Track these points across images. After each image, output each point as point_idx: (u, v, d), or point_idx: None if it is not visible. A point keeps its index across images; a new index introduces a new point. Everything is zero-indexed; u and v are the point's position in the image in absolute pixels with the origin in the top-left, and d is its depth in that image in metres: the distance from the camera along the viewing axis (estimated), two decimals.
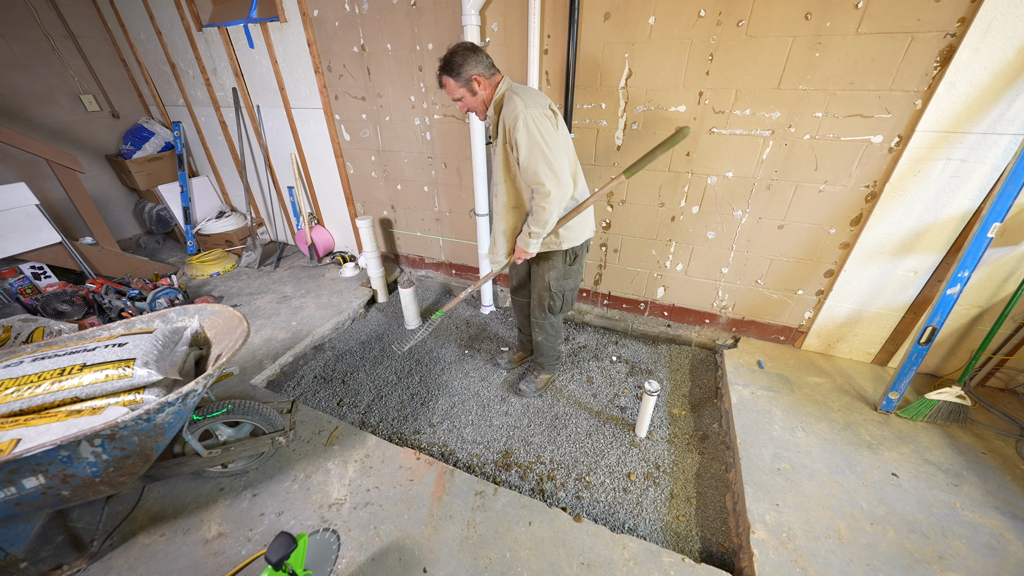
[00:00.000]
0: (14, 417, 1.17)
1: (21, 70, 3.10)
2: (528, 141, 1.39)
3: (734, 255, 2.13)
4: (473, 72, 1.42)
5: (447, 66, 1.42)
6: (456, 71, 1.42)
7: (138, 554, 1.38)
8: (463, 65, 1.41)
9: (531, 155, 1.40)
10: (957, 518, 1.40)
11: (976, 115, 1.48)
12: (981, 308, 1.80)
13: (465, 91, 1.46)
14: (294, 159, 3.13)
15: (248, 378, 2.15)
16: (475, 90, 1.46)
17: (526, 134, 1.38)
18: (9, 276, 2.67)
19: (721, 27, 1.65)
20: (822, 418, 1.79)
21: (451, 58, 1.41)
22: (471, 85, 1.44)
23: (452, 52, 1.42)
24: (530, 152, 1.40)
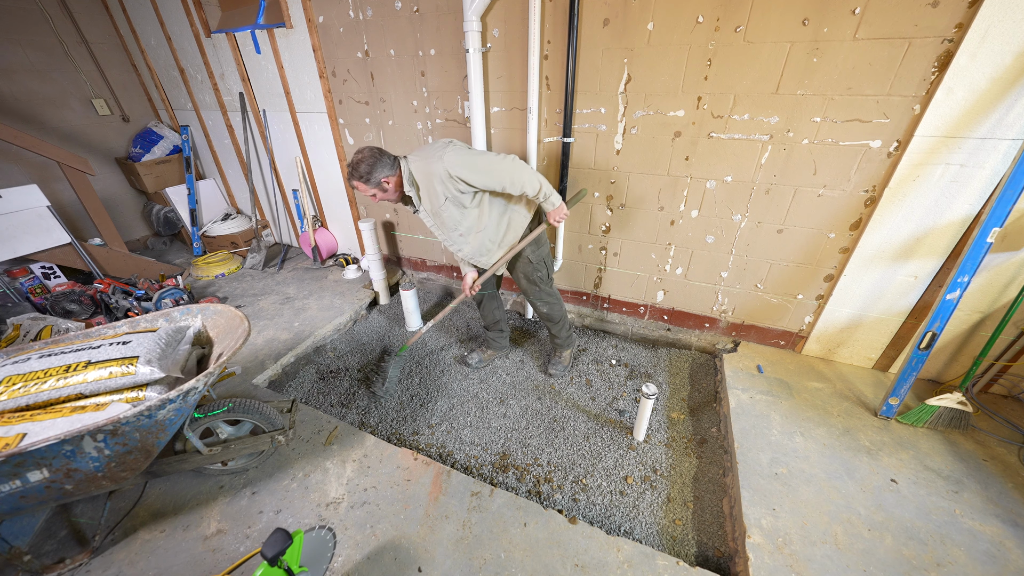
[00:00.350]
0: (21, 412, 1.20)
1: (36, 75, 3.18)
2: (467, 164, 1.58)
3: (733, 259, 2.13)
4: (382, 176, 1.60)
5: (360, 176, 1.58)
6: (368, 178, 1.59)
7: (139, 549, 1.41)
8: (372, 172, 1.58)
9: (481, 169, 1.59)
10: (957, 525, 1.39)
11: (975, 120, 1.48)
12: (982, 314, 1.79)
13: (376, 190, 1.63)
14: (299, 162, 3.17)
15: (250, 378, 2.18)
16: (385, 187, 1.63)
17: (461, 164, 1.57)
18: (20, 275, 2.73)
19: (719, 33, 1.67)
20: (821, 423, 1.78)
21: (361, 167, 1.57)
22: (381, 185, 1.62)
23: (360, 160, 1.58)
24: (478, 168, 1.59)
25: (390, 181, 1.62)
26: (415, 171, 1.64)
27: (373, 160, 1.58)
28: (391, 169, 1.61)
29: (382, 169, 1.59)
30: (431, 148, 1.64)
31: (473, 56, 2.04)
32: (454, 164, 1.56)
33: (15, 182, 2.98)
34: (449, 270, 3.11)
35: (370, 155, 1.58)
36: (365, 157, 1.58)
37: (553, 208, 1.73)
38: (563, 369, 2.25)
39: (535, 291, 2.02)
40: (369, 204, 3.12)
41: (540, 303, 2.07)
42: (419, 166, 1.63)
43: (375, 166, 1.58)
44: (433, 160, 1.59)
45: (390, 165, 1.61)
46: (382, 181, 1.60)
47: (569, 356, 2.29)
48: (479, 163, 1.60)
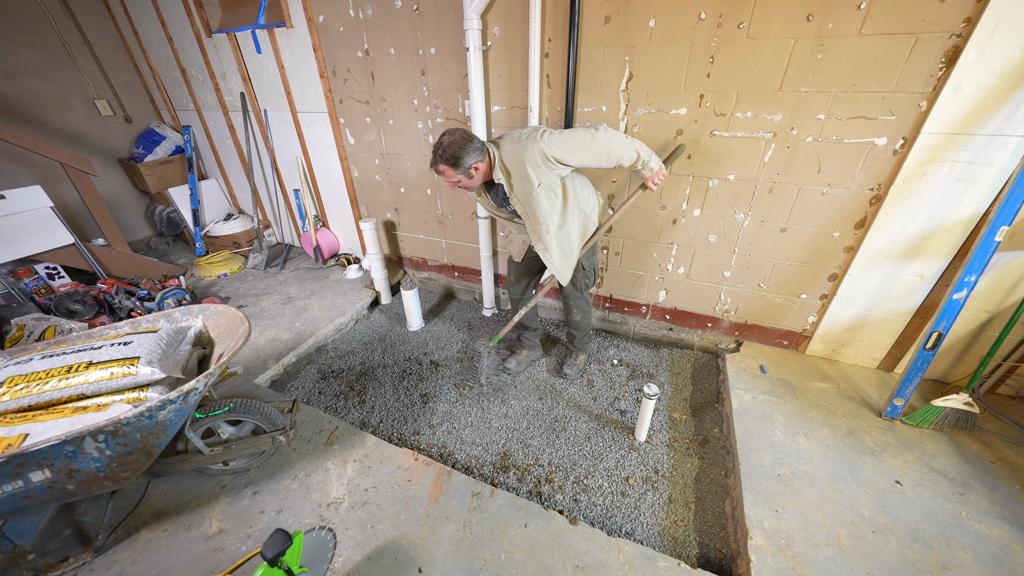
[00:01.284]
0: (23, 412, 1.20)
1: (39, 77, 3.20)
2: (563, 144, 1.51)
3: (736, 258, 2.11)
4: (472, 161, 1.51)
5: (450, 160, 1.49)
6: (457, 163, 1.49)
7: (141, 548, 1.41)
8: (462, 156, 1.48)
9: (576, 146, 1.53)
10: (963, 528, 1.37)
11: (983, 117, 1.46)
12: (990, 313, 1.76)
13: (463, 176, 1.54)
14: (300, 162, 3.17)
15: (252, 378, 2.18)
16: (472, 175, 1.55)
17: (557, 144, 1.50)
18: (25, 276, 2.75)
19: (722, 29, 1.65)
20: (825, 424, 1.77)
21: (451, 150, 1.48)
22: (469, 171, 1.53)
23: (451, 143, 1.48)
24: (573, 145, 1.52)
25: (479, 167, 1.53)
26: (505, 156, 1.54)
27: (465, 143, 1.47)
28: (481, 154, 1.51)
29: (473, 154, 1.49)
30: (523, 132, 1.56)
31: (473, 54, 2.02)
32: (550, 144, 1.49)
33: (19, 183, 2.99)
34: (450, 269, 3.10)
35: (462, 137, 1.48)
36: (456, 139, 1.47)
37: (652, 172, 1.65)
38: (577, 372, 2.24)
39: (576, 297, 1.99)
40: (371, 203, 3.12)
41: (577, 310, 2.05)
42: (510, 150, 1.53)
43: (467, 150, 1.47)
44: (528, 143, 1.50)
45: (480, 149, 1.51)
46: (471, 167, 1.50)
47: (584, 360, 2.29)
48: (574, 141, 1.52)
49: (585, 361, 2.30)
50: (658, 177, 1.68)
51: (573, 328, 2.17)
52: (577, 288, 1.96)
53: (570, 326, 2.18)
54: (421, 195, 2.83)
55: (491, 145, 1.57)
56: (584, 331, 2.17)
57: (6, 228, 2.58)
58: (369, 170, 2.94)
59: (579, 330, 2.15)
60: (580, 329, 2.15)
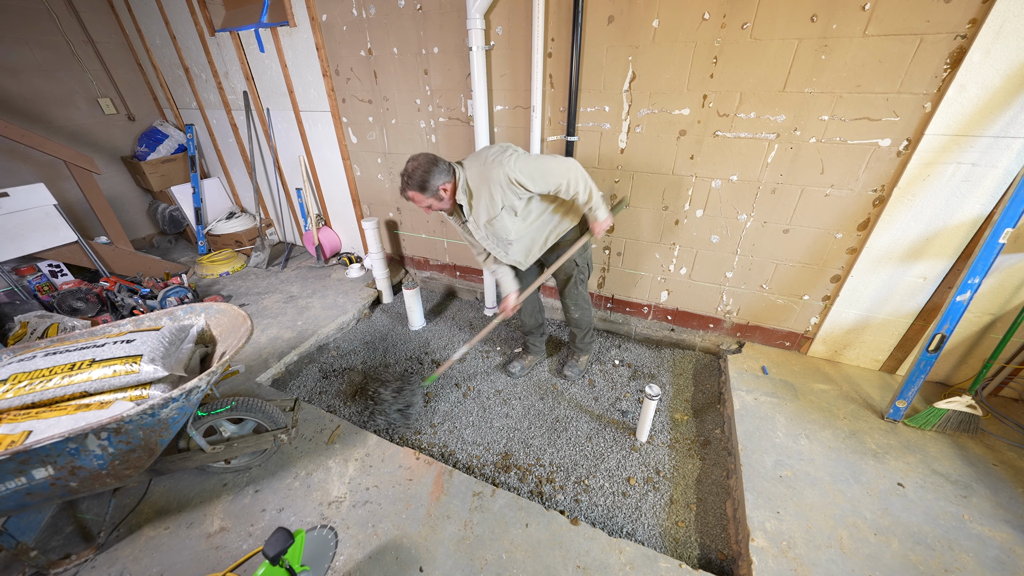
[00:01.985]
0: (26, 410, 1.21)
1: (43, 75, 3.21)
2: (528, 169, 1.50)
3: (739, 259, 2.11)
4: (439, 183, 1.50)
5: (417, 185, 1.49)
6: (424, 187, 1.49)
7: (143, 546, 1.42)
8: (428, 180, 1.48)
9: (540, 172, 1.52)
10: (965, 531, 1.37)
11: (988, 118, 1.45)
12: (993, 316, 1.76)
13: (433, 199, 1.54)
14: (302, 161, 3.18)
15: (254, 376, 2.19)
16: (442, 196, 1.54)
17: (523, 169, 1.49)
18: (28, 274, 2.75)
19: (725, 30, 1.64)
20: (827, 426, 1.76)
21: (417, 175, 1.48)
22: (438, 194, 1.52)
23: (415, 168, 1.48)
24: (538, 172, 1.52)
25: (447, 188, 1.52)
26: (470, 178, 1.56)
27: (429, 167, 1.47)
28: (447, 175, 1.51)
29: (439, 176, 1.48)
30: (488, 153, 1.54)
31: (476, 54, 2.02)
32: (515, 169, 1.48)
33: (23, 181, 3.00)
34: (452, 269, 3.10)
35: (425, 162, 1.47)
36: (420, 164, 1.47)
37: (598, 221, 1.68)
38: (578, 373, 2.23)
39: (573, 294, 1.98)
40: (373, 203, 3.12)
41: (574, 307, 2.03)
42: (475, 172, 1.54)
43: (432, 173, 1.47)
44: (492, 166, 1.49)
45: (446, 171, 1.51)
46: (439, 189, 1.50)
47: (586, 362, 2.27)
48: (538, 167, 1.52)
49: (587, 362, 2.28)
50: (603, 227, 1.70)
51: (573, 327, 2.15)
52: (572, 283, 1.94)
53: (570, 324, 2.15)
54: None
55: (457, 166, 1.57)
56: (585, 330, 2.15)
57: (10, 226, 2.59)
58: (371, 169, 2.94)
59: (580, 328, 2.13)
60: (580, 327, 2.13)
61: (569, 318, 2.12)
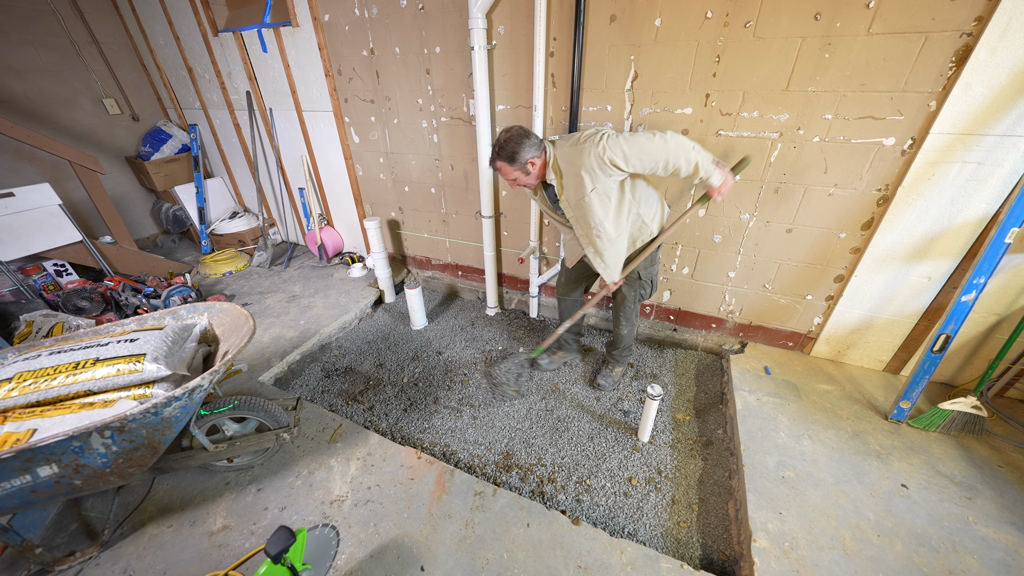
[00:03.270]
0: (31, 408, 1.22)
1: (49, 75, 3.23)
2: (622, 148, 1.45)
3: (741, 259, 2.10)
4: (528, 156, 1.51)
5: (507, 156, 1.50)
6: (513, 159, 1.50)
7: (147, 544, 1.42)
8: (518, 152, 1.49)
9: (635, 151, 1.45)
10: (970, 532, 1.36)
11: (994, 117, 1.44)
12: (999, 316, 1.74)
13: (520, 172, 1.55)
14: (305, 161, 3.19)
15: (256, 375, 2.20)
16: (529, 170, 1.55)
17: (617, 150, 1.45)
18: (33, 273, 2.78)
19: (728, 28, 1.64)
20: (830, 426, 1.76)
21: (508, 147, 1.49)
22: (526, 167, 1.53)
23: (507, 139, 1.49)
24: (632, 151, 1.46)
25: (536, 163, 1.53)
26: (560, 157, 1.54)
27: (522, 138, 1.48)
28: (538, 150, 1.52)
29: (529, 149, 1.49)
30: (582, 134, 1.51)
31: (478, 54, 2.02)
32: (608, 148, 1.44)
33: (28, 181, 3.02)
34: (454, 268, 3.10)
35: (518, 134, 1.49)
36: (513, 136, 1.49)
37: (716, 185, 1.55)
38: (612, 383, 2.17)
39: (627, 310, 1.94)
40: (375, 202, 3.12)
41: (625, 323, 1.99)
42: (566, 152, 1.52)
43: (523, 145, 1.48)
44: (586, 146, 1.46)
45: (537, 145, 1.52)
46: (528, 162, 1.51)
47: (620, 373, 2.22)
48: (633, 145, 1.46)
49: (621, 374, 2.23)
50: (724, 188, 1.57)
51: (617, 339, 2.09)
52: (632, 299, 1.90)
53: (614, 337, 2.11)
54: (425, 194, 2.83)
55: (548, 143, 1.56)
56: (627, 344, 2.10)
57: (15, 225, 2.61)
58: (374, 169, 2.95)
59: (621, 341, 2.08)
60: (623, 341, 2.08)
61: (616, 333, 2.07)
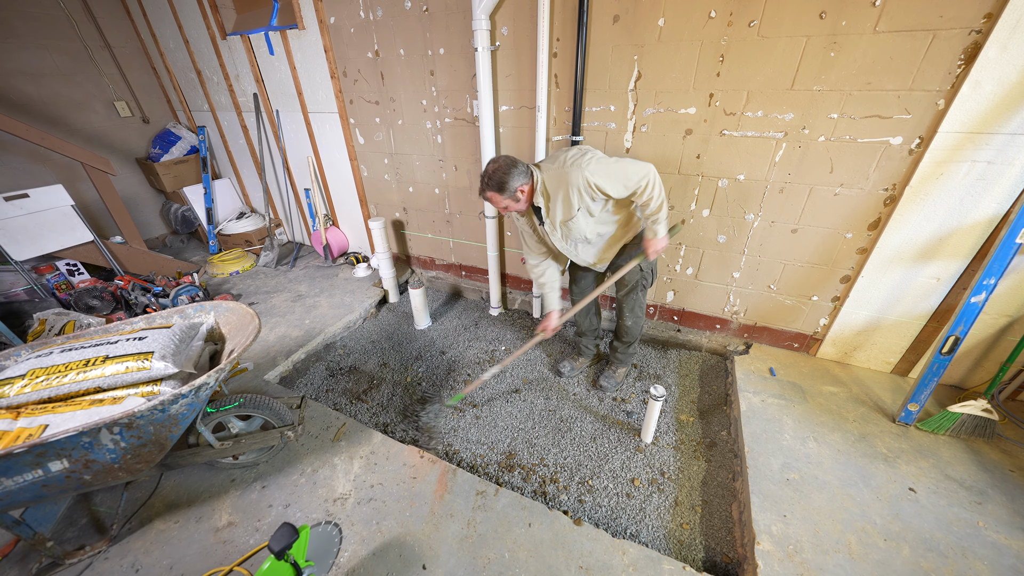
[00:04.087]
0: (43, 404, 1.24)
1: (62, 79, 3.30)
2: (607, 173, 1.51)
3: (746, 259, 2.08)
4: (517, 184, 1.53)
5: (496, 186, 1.52)
6: (503, 188, 1.52)
7: (154, 539, 1.45)
8: (507, 181, 1.51)
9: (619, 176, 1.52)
10: (979, 538, 1.33)
11: (1004, 115, 1.42)
12: (1010, 318, 1.71)
13: (510, 200, 1.56)
14: (311, 162, 3.22)
15: (262, 374, 2.22)
16: (519, 197, 1.56)
17: (601, 173, 1.51)
18: (47, 272, 2.83)
19: (732, 28, 1.63)
20: (836, 428, 1.74)
21: (497, 176, 1.52)
22: (515, 195, 1.55)
23: (496, 170, 1.52)
24: (617, 176, 1.52)
25: (524, 189, 1.55)
26: (547, 180, 1.57)
27: (508, 168, 1.51)
28: (525, 177, 1.54)
29: (518, 177, 1.52)
30: (566, 156, 1.56)
31: (482, 54, 2.03)
32: (594, 172, 1.50)
33: (42, 182, 3.09)
34: (458, 269, 3.12)
35: (505, 164, 1.51)
36: (500, 167, 1.51)
37: (656, 238, 1.65)
38: (615, 384, 2.15)
39: (631, 300, 1.93)
40: (380, 203, 3.15)
41: (630, 314, 1.98)
42: (552, 175, 1.56)
43: (511, 174, 1.51)
44: (571, 169, 1.51)
45: (524, 173, 1.54)
46: (517, 190, 1.54)
47: (623, 374, 2.20)
48: (616, 170, 1.52)
49: (624, 375, 2.21)
50: (659, 245, 1.67)
51: (622, 334, 2.07)
52: (634, 289, 1.89)
53: (618, 332, 2.09)
54: (429, 195, 2.85)
55: (535, 168, 1.58)
56: (631, 340, 2.08)
57: (30, 226, 2.67)
58: (378, 170, 2.97)
59: (628, 336, 2.06)
60: (629, 336, 2.05)
61: (620, 325, 2.05)
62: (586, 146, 1.61)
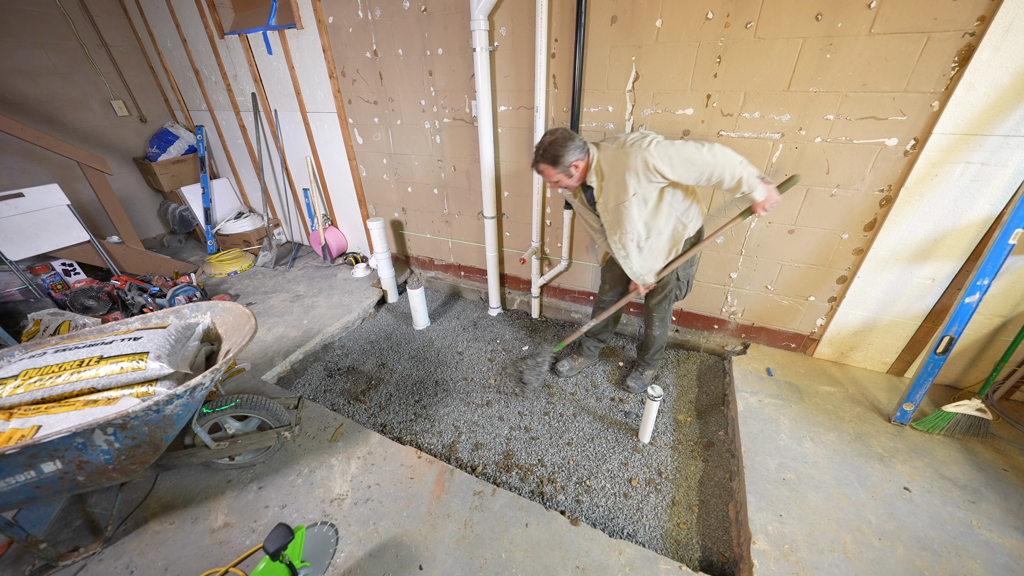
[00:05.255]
0: (36, 405, 1.24)
1: (59, 78, 3.28)
2: (668, 156, 1.44)
3: (743, 260, 2.09)
4: (572, 159, 1.49)
5: (550, 158, 1.47)
6: (557, 161, 1.48)
7: (149, 540, 1.44)
8: (563, 155, 1.47)
9: (681, 160, 1.44)
10: (973, 537, 1.34)
11: (997, 117, 1.43)
12: (1004, 318, 1.72)
13: (563, 175, 1.52)
14: (309, 162, 3.21)
15: (259, 374, 2.21)
16: (572, 173, 1.52)
17: (663, 156, 1.43)
18: (42, 272, 2.82)
19: (729, 29, 1.63)
20: (832, 428, 1.74)
21: (552, 149, 1.46)
22: (569, 170, 1.51)
23: (552, 142, 1.47)
24: (678, 159, 1.44)
25: (579, 166, 1.51)
26: (604, 160, 1.51)
27: (565, 141, 1.46)
28: (582, 152, 1.49)
29: (574, 151, 1.47)
30: (628, 137, 1.50)
31: (480, 55, 2.03)
32: (655, 154, 1.43)
33: (38, 181, 3.07)
34: (457, 269, 3.11)
35: (562, 136, 1.46)
36: (557, 139, 1.46)
37: (759, 200, 1.50)
38: (641, 387, 2.13)
39: (661, 309, 1.92)
40: (378, 203, 3.14)
41: (659, 323, 1.96)
42: (611, 155, 1.50)
43: (567, 147, 1.45)
44: (632, 150, 1.44)
45: (581, 148, 1.49)
46: (571, 165, 1.49)
47: (651, 376, 2.18)
48: (680, 153, 1.44)
49: (652, 376, 2.19)
50: (768, 203, 1.52)
51: (649, 340, 2.06)
52: (666, 298, 1.87)
53: (646, 343, 2.08)
54: (428, 195, 2.85)
55: (592, 146, 1.54)
56: (658, 346, 2.07)
57: (25, 225, 2.65)
58: (377, 170, 2.96)
59: (654, 344, 2.05)
60: (656, 343, 2.05)
61: (648, 333, 2.03)
62: (647, 129, 1.56)
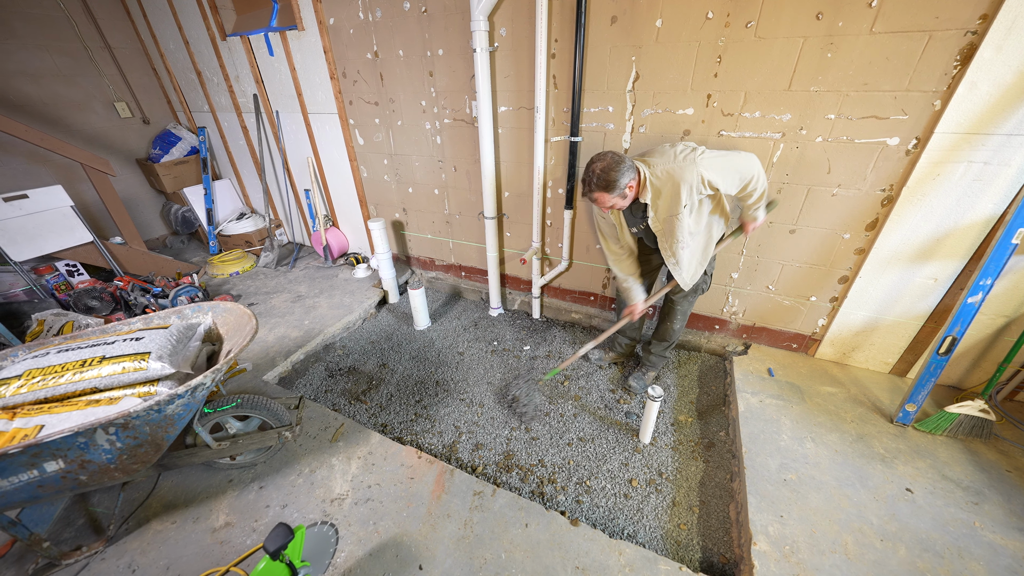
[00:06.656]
0: (39, 404, 1.24)
1: (63, 80, 3.30)
2: (719, 167, 1.46)
3: (744, 260, 2.08)
4: (627, 181, 1.46)
5: (604, 185, 1.44)
6: (612, 186, 1.45)
7: (151, 539, 1.45)
8: (618, 179, 1.44)
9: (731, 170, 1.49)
10: (976, 538, 1.33)
11: (1000, 116, 1.42)
12: (1007, 318, 1.71)
13: (618, 198, 1.49)
14: (310, 162, 3.22)
15: (260, 374, 2.22)
16: (626, 194, 1.50)
17: (716, 168, 1.46)
18: (46, 273, 2.83)
19: (729, 29, 1.63)
20: (833, 429, 1.73)
21: (606, 176, 1.43)
22: (624, 192, 1.48)
23: (604, 168, 1.43)
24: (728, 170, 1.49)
25: (632, 186, 1.49)
26: (655, 176, 1.49)
27: (617, 165, 1.43)
28: (633, 172, 1.47)
29: (626, 174, 1.44)
30: (674, 151, 1.49)
31: (480, 55, 2.04)
32: (709, 168, 1.44)
33: (42, 183, 3.09)
34: (457, 269, 3.12)
35: (613, 161, 1.43)
36: (608, 164, 1.43)
37: (756, 221, 1.66)
38: (642, 387, 2.13)
39: (687, 304, 1.93)
40: (379, 203, 3.15)
41: (680, 317, 1.97)
42: (662, 170, 1.48)
43: (620, 171, 1.43)
44: (686, 164, 1.45)
45: (632, 168, 1.47)
46: (626, 187, 1.46)
47: (653, 377, 2.19)
48: (729, 165, 1.48)
49: (654, 378, 2.19)
50: (757, 224, 1.68)
51: (665, 332, 2.04)
52: (695, 291, 1.87)
53: (662, 334, 2.06)
54: (429, 195, 2.85)
55: (640, 163, 1.51)
56: (670, 343, 2.07)
57: (29, 226, 2.67)
58: (378, 170, 2.97)
59: (671, 337, 2.04)
60: (672, 337, 2.04)
61: (666, 327, 2.02)
62: (690, 141, 1.56)
